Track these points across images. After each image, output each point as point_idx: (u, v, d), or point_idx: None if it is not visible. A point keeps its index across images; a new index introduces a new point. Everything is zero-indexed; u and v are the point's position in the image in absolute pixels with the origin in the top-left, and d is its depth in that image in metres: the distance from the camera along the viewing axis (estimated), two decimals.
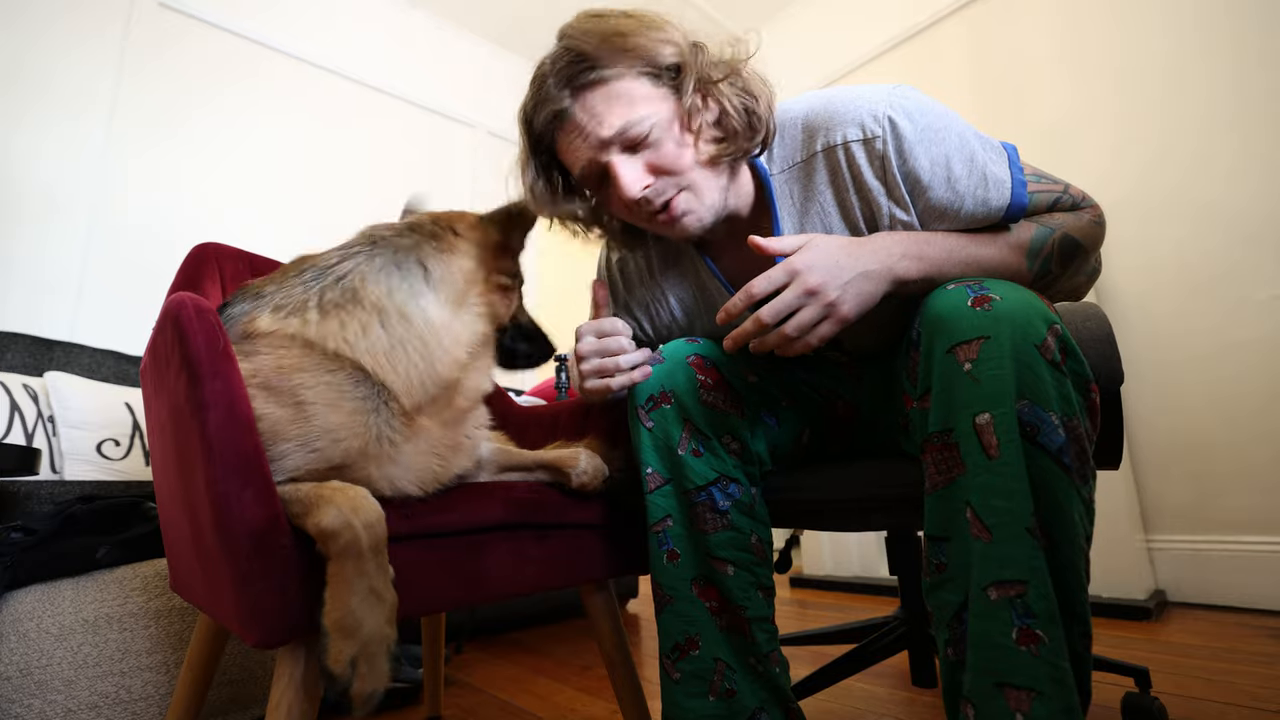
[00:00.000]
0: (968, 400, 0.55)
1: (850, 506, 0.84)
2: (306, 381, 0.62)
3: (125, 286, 1.99)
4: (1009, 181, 0.70)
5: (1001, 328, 0.54)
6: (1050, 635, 0.50)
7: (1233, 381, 1.74)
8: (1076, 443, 0.53)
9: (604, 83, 0.68)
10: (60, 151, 1.96)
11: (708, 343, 0.81)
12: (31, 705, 0.87)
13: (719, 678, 0.71)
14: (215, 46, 2.36)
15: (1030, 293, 0.58)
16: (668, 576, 0.75)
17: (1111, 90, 2.05)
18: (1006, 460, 0.53)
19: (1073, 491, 0.53)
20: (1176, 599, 1.76)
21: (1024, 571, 0.51)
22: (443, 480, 0.72)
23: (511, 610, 1.83)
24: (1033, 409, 0.53)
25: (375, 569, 0.56)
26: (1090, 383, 0.56)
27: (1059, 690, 0.50)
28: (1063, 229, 0.70)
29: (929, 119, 0.68)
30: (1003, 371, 0.53)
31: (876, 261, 0.65)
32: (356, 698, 0.50)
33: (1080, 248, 0.71)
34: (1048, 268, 0.70)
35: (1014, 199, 0.69)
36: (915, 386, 0.62)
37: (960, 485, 0.56)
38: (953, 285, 0.60)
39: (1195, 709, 1.01)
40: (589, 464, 0.83)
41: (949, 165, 0.67)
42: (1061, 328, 0.55)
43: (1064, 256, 0.70)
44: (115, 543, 1.03)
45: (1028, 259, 0.70)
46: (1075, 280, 0.75)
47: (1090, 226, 0.72)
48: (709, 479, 0.75)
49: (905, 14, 2.63)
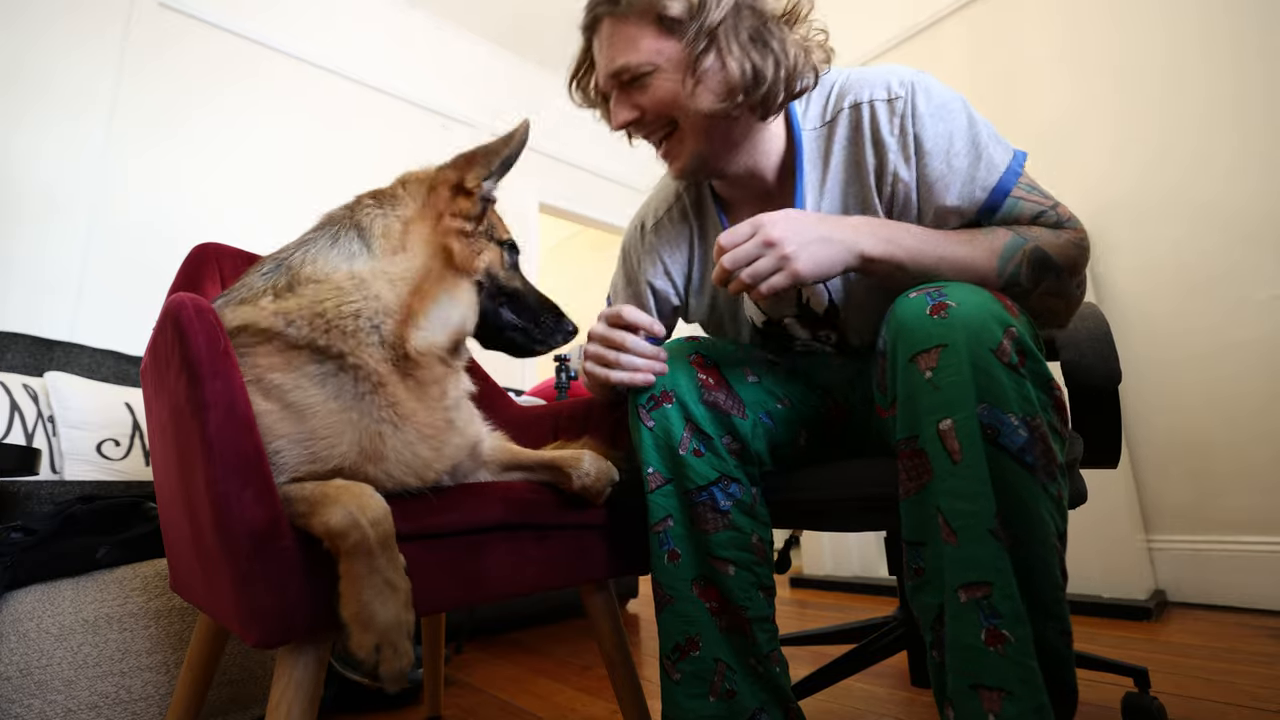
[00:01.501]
0: (930, 407, 0.57)
1: (850, 507, 0.84)
2: (281, 382, 0.62)
3: (125, 286, 2.00)
4: (1003, 168, 0.72)
5: (957, 335, 0.56)
6: (1016, 635, 0.51)
7: (1232, 381, 1.74)
8: (1040, 441, 0.54)
9: (617, 18, 0.75)
10: (60, 151, 1.96)
11: (709, 342, 0.82)
12: (31, 705, 0.87)
13: (719, 678, 0.71)
14: (215, 46, 2.36)
15: (988, 295, 0.59)
16: (668, 576, 0.75)
17: (1111, 90, 2.05)
18: (968, 463, 0.54)
19: (1038, 489, 0.54)
20: (1176, 599, 1.76)
21: (988, 573, 0.53)
22: (437, 467, 0.71)
23: (511, 610, 1.83)
24: (992, 411, 0.54)
25: (386, 562, 0.56)
26: (1051, 380, 0.57)
27: (1027, 690, 0.50)
28: (1036, 242, 0.70)
29: (945, 98, 0.74)
30: (961, 378, 0.55)
31: (841, 232, 0.68)
32: (386, 675, 0.53)
33: (1052, 264, 0.69)
34: (1017, 277, 0.69)
35: (1001, 182, 0.72)
36: (885, 396, 0.64)
37: (930, 490, 0.57)
38: (914, 293, 0.61)
39: (1195, 709, 1.01)
40: (592, 466, 0.81)
41: (951, 140, 0.73)
42: (1018, 329, 0.57)
43: (1034, 270, 0.69)
44: (115, 543, 1.03)
45: (999, 262, 0.69)
46: (1048, 302, 0.72)
47: (1068, 247, 0.70)
48: (710, 479, 0.75)
49: (905, 14, 2.63)
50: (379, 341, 0.66)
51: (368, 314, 0.66)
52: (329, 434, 0.62)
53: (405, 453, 0.67)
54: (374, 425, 0.65)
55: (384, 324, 0.67)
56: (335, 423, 0.63)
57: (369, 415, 0.65)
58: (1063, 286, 0.71)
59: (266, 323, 0.63)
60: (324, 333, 0.64)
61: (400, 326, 0.68)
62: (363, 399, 0.65)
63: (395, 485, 0.66)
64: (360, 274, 0.67)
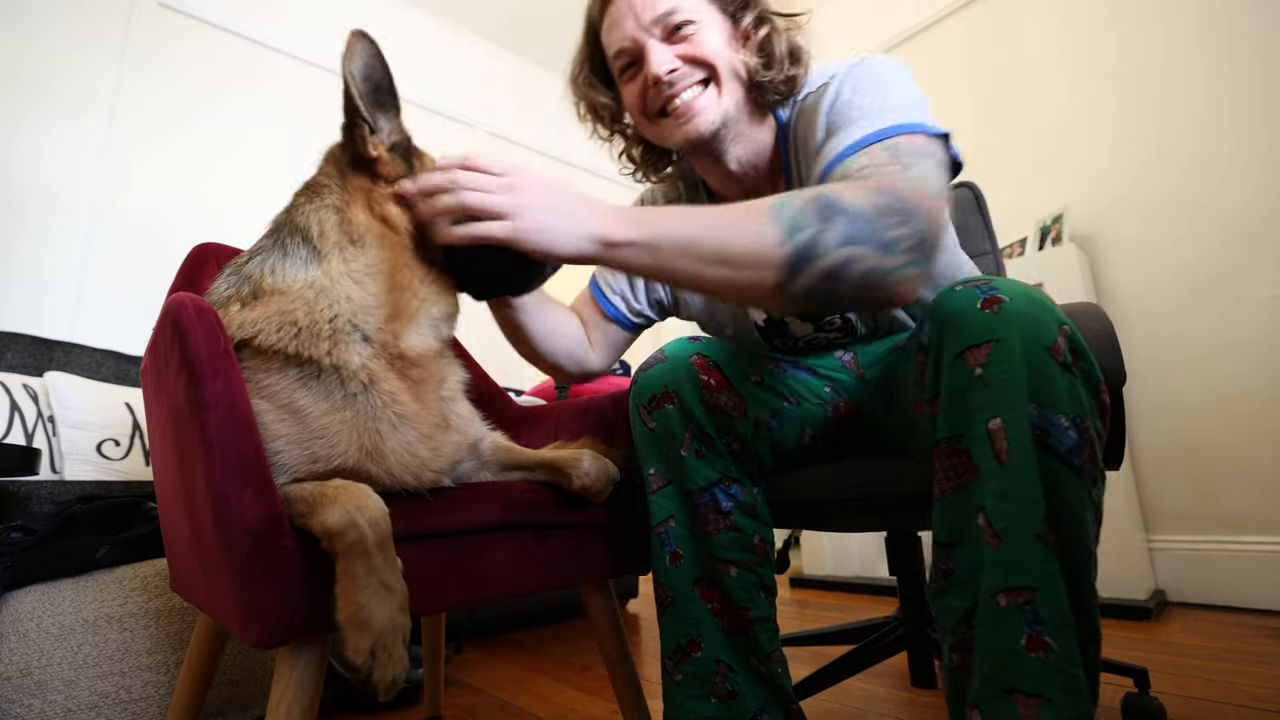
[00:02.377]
0: (979, 405, 0.54)
1: (851, 507, 0.84)
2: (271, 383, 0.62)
3: (125, 286, 1.99)
4: (898, 119, 0.67)
5: (1011, 330, 0.53)
6: (1060, 642, 0.50)
7: (1232, 381, 1.74)
8: (1088, 444, 0.52)
9: None
10: (61, 152, 1.96)
11: (710, 342, 0.81)
12: (32, 705, 0.87)
13: (721, 679, 0.71)
14: (215, 46, 2.36)
15: (1039, 293, 0.57)
16: (670, 578, 0.75)
17: (1110, 90, 2.05)
18: (1017, 465, 0.52)
19: (1084, 493, 0.52)
20: (1177, 599, 1.76)
21: (1034, 578, 0.51)
22: (435, 466, 0.69)
23: (511, 610, 1.83)
24: (1043, 412, 0.52)
25: (383, 563, 0.56)
26: (1100, 383, 0.55)
27: (1068, 698, 0.49)
28: (822, 189, 0.61)
29: (875, 72, 0.73)
30: (1013, 375, 0.52)
31: (585, 213, 0.62)
32: (379, 684, 0.52)
33: (839, 206, 0.58)
34: (799, 225, 0.58)
35: (887, 127, 0.67)
36: (924, 390, 0.61)
37: (973, 490, 0.55)
38: (961, 286, 0.58)
39: (1195, 709, 1.01)
40: (592, 466, 0.80)
41: (857, 96, 0.72)
42: (1071, 328, 0.55)
43: (820, 215, 0.58)
44: (115, 543, 1.03)
45: (770, 213, 0.59)
46: (856, 260, 0.57)
47: (868, 193, 0.59)
48: (711, 480, 0.74)
49: (905, 14, 2.63)
50: (362, 339, 0.65)
51: (346, 315, 0.64)
52: (325, 434, 0.62)
53: (404, 452, 0.66)
54: (371, 423, 0.64)
55: (365, 323, 0.65)
56: (330, 423, 0.63)
57: (364, 414, 0.64)
58: (857, 232, 0.57)
59: (235, 331, 0.62)
60: (293, 339, 0.62)
61: (388, 323, 0.66)
62: (354, 399, 0.64)
63: (395, 484, 0.66)
64: (318, 282, 0.64)
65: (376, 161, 0.69)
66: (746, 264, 0.58)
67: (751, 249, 0.58)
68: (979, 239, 1.16)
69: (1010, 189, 2.19)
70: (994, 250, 1.16)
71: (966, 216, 1.17)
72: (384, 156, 0.70)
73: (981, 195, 1.19)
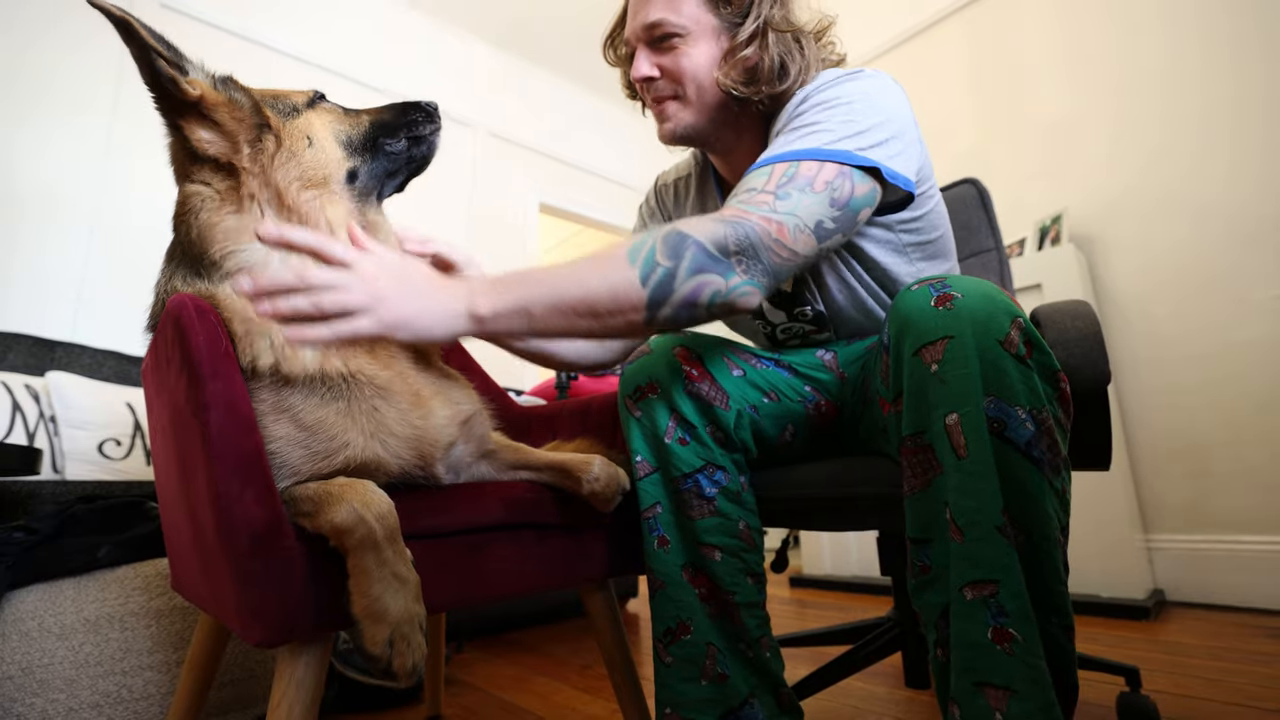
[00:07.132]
0: (937, 401, 0.55)
1: (842, 505, 0.84)
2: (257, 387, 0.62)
3: (126, 287, 2.00)
4: (820, 143, 0.69)
5: (964, 326, 0.55)
6: (1024, 633, 0.51)
7: (1231, 381, 1.74)
8: (1046, 434, 0.53)
9: None
10: (62, 152, 1.97)
11: (694, 335, 0.83)
12: (33, 704, 0.88)
13: (710, 662, 0.72)
14: (216, 47, 2.36)
15: (992, 286, 0.58)
16: (659, 562, 0.76)
17: (1110, 90, 2.05)
18: (975, 458, 0.53)
19: (1044, 483, 0.53)
20: (1175, 598, 1.77)
21: (995, 570, 0.52)
22: (431, 438, 0.69)
23: (511, 610, 1.83)
24: (999, 404, 0.53)
25: (394, 556, 0.57)
26: (1058, 372, 0.56)
27: (1034, 689, 0.50)
28: (674, 225, 0.65)
29: (841, 91, 0.73)
30: (968, 370, 0.54)
31: (444, 296, 0.62)
32: (400, 671, 0.53)
33: (687, 239, 0.64)
34: (653, 261, 0.63)
35: (802, 150, 0.69)
36: (889, 390, 0.63)
37: (938, 486, 0.56)
38: (916, 285, 0.60)
39: (1193, 708, 1.01)
40: (603, 471, 0.80)
41: (810, 111, 0.73)
42: (1024, 320, 0.56)
43: (669, 248, 0.63)
44: (116, 542, 1.04)
45: (628, 254, 0.64)
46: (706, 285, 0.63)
47: (714, 225, 0.65)
48: (695, 466, 0.76)
49: (905, 14, 2.63)
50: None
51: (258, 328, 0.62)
52: (322, 428, 0.63)
53: (403, 424, 0.67)
54: (366, 404, 0.65)
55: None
56: (324, 415, 0.63)
57: (357, 396, 0.65)
58: (703, 262, 0.63)
59: None
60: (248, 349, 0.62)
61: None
62: (340, 387, 0.64)
63: (402, 467, 0.67)
64: (220, 298, 0.63)
65: (202, 102, 0.62)
66: (614, 311, 0.63)
67: (616, 296, 0.63)
68: (982, 236, 1.15)
69: (1009, 189, 2.19)
70: (998, 247, 1.14)
71: (970, 213, 1.16)
72: (209, 93, 0.64)
73: (986, 192, 1.18)
